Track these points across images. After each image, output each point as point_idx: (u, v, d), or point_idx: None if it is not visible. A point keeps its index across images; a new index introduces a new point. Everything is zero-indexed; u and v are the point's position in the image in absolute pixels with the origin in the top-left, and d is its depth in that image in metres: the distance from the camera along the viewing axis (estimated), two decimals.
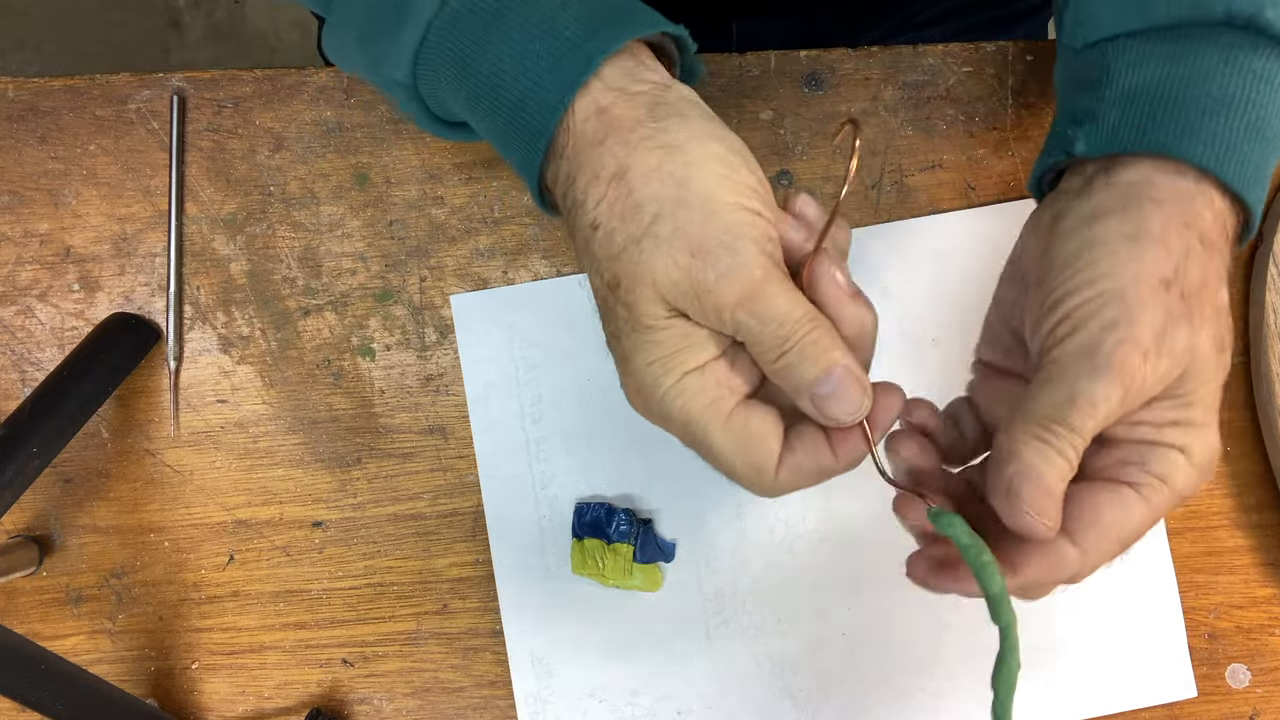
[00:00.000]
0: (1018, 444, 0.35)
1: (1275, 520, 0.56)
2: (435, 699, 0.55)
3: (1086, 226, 0.36)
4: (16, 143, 0.54)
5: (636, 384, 0.37)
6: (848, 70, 0.55)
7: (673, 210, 0.34)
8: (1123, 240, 0.35)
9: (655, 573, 0.54)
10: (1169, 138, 0.37)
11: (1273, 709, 0.56)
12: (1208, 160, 0.36)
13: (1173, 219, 0.36)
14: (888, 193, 0.55)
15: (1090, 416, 0.34)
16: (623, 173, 0.35)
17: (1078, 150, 0.39)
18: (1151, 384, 0.35)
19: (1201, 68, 0.37)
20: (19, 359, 0.54)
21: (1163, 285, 0.35)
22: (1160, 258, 0.35)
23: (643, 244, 0.34)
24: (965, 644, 0.55)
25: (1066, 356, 0.35)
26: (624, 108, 0.35)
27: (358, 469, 0.55)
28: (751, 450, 0.36)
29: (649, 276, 0.34)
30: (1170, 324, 0.34)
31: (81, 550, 0.54)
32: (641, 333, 0.36)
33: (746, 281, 0.34)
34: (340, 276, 0.55)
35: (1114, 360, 0.34)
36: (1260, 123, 0.37)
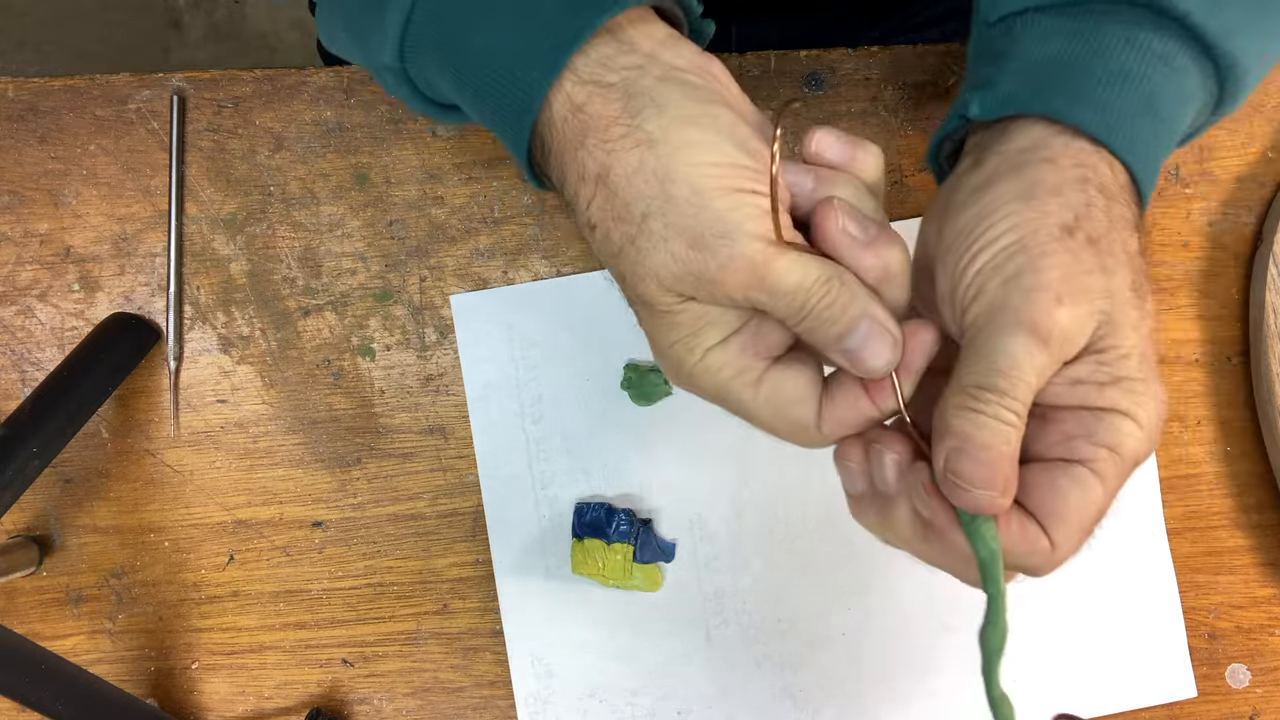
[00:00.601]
0: (947, 418, 0.34)
1: (1275, 520, 0.56)
2: (435, 699, 0.55)
3: (980, 193, 0.36)
4: (16, 143, 0.54)
5: (665, 362, 0.37)
6: (848, 70, 0.55)
7: (661, 208, 0.33)
8: (1017, 199, 0.34)
9: (655, 573, 0.54)
10: (1061, 103, 0.36)
11: (1273, 709, 0.56)
12: (1097, 127, 0.36)
13: (1068, 173, 0.35)
14: (888, 193, 0.55)
15: (1017, 376, 0.33)
16: (604, 175, 0.34)
17: (971, 113, 0.38)
18: (1074, 331, 0.33)
19: (1103, 43, 0.37)
20: (19, 359, 0.54)
21: (1065, 232, 0.34)
22: (1058, 207, 0.34)
23: (638, 243, 0.34)
24: (966, 644, 0.55)
25: (980, 320, 0.34)
26: (599, 104, 0.34)
27: (358, 469, 0.55)
28: (788, 412, 0.36)
29: (650, 272, 0.34)
30: (1079, 268, 0.33)
31: (81, 550, 0.54)
32: (658, 318, 0.36)
33: (749, 266, 0.33)
34: (340, 276, 0.55)
35: (1025, 312, 0.33)
36: (1154, 100, 0.36)
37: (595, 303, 0.54)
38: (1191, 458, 0.56)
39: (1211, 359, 0.56)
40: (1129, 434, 0.34)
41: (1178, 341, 0.56)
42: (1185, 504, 0.56)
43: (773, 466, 0.55)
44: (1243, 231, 0.56)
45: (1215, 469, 0.56)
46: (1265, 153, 0.56)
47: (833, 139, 0.36)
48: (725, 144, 0.34)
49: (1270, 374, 0.54)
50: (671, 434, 0.55)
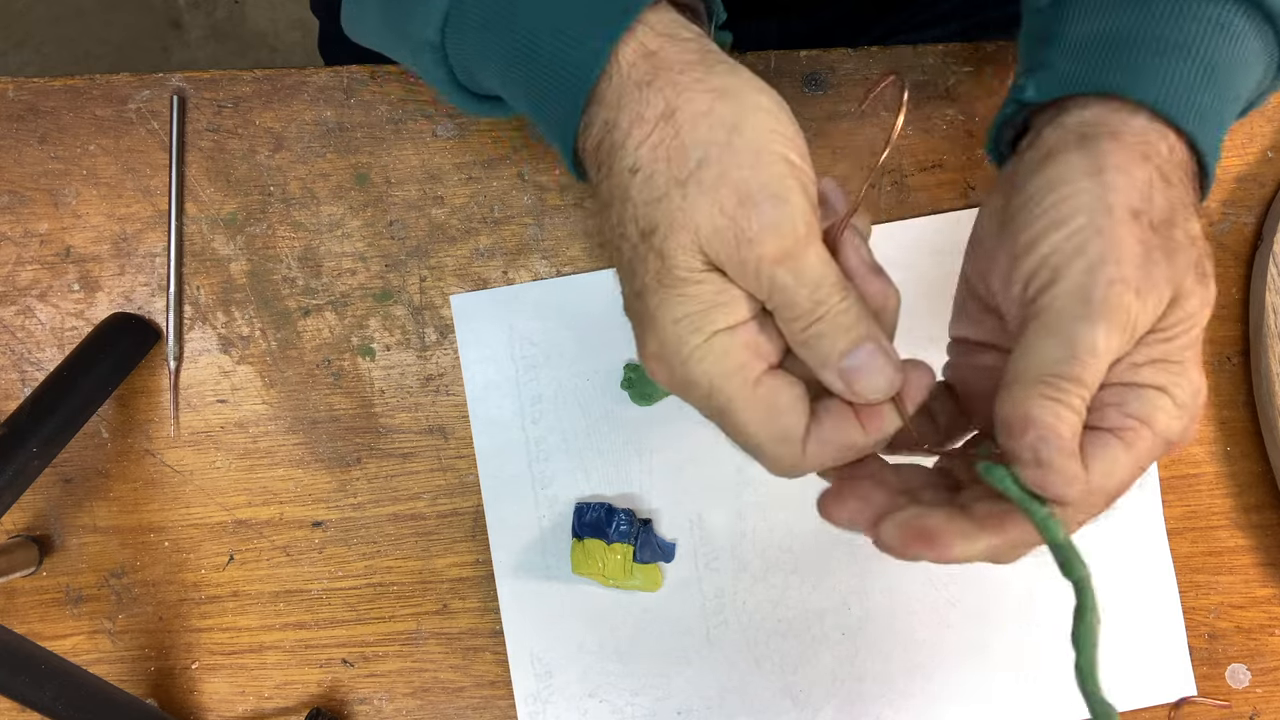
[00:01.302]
0: (1029, 406, 0.33)
1: (1275, 520, 0.56)
2: (435, 699, 0.55)
3: (1045, 167, 0.35)
4: (16, 143, 0.54)
5: (659, 344, 0.35)
6: (848, 70, 0.55)
7: (719, 155, 0.33)
8: (1085, 175, 0.34)
9: (655, 573, 0.54)
10: (1120, 79, 0.36)
11: (1273, 709, 0.56)
12: (1159, 100, 0.35)
13: (1132, 151, 0.34)
14: (888, 193, 0.55)
15: (1094, 367, 0.33)
16: (671, 113, 0.33)
17: (1028, 95, 0.38)
18: (1144, 323, 0.33)
19: (1155, 14, 0.36)
20: (19, 359, 0.54)
21: (1133, 217, 0.33)
22: (1127, 188, 0.34)
23: (687, 187, 0.33)
24: (965, 644, 0.55)
25: (1057, 304, 0.33)
26: (674, 51, 0.34)
27: (358, 469, 0.55)
28: (778, 421, 0.35)
29: (690, 222, 0.33)
30: (1148, 256, 0.33)
31: (81, 550, 0.54)
32: (672, 286, 0.34)
33: (791, 235, 0.33)
34: (340, 276, 0.55)
35: (1108, 303, 0.32)
36: (1213, 69, 0.36)
37: (595, 303, 0.54)
38: (1191, 458, 0.56)
39: (1211, 359, 0.56)
40: (1162, 408, 0.33)
41: None
42: (1185, 504, 0.56)
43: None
44: (1243, 231, 0.56)
45: (1215, 469, 0.56)
46: (1265, 153, 0.56)
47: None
48: (789, 121, 0.34)
49: (1270, 374, 0.54)
50: (671, 434, 0.55)
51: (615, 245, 0.36)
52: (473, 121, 0.55)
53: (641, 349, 0.36)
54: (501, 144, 0.55)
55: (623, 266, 0.36)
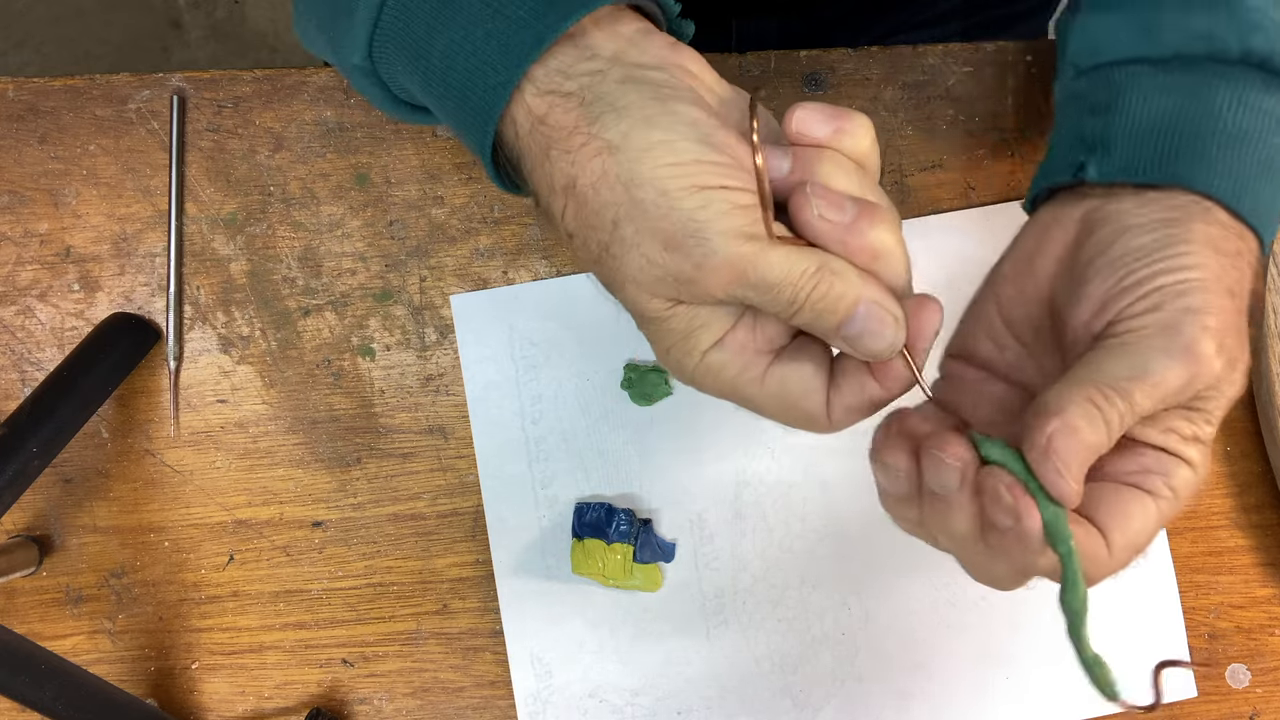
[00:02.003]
0: (1067, 401, 0.33)
1: (1275, 520, 0.56)
2: (435, 699, 0.55)
3: (1163, 226, 0.36)
4: (16, 143, 0.54)
5: (669, 365, 0.36)
6: (848, 70, 0.55)
7: (629, 213, 0.33)
8: (1208, 246, 0.35)
9: (655, 573, 0.54)
10: (1185, 170, 0.37)
11: (1273, 709, 0.56)
12: (1224, 193, 0.36)
13: (1230, 241, 0.36)
14: (888, 193, 0.55)
15: (1152, 394, 0.33)
16: (571, 184, 0.33)
17: (1089, 176, 0.39)
18: (1211, 381, 0.34)
19: (1215, 104, 0.38)
20: (19, 359, 0.54)
21: (1229, 294, 0.35)
22: (1228, 268, 0.35)
23: (612, 249, 0.33)
24: (965, 644, 0.55)
25: (1145, 331, 0.34)
26: (559, 113, 0.34)
27: (358, 469, 0.55)
28: (796, 406, 0.36)
29: (630, 278, 0.34)
30: (1232, 330, 0.35)
31: (81, 550, 0.54)
32: (650, 324, 0.35)
33: (727, 263, 0.32)
34: (340, 276, 0.55)
35: (1192, 343, 0.34)
36: (1270, 161, 0.37)
37: (595, 303, 0.54)
38: None
39: None
40: (1189, 483, 0.36)
41: None
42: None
43: (772, 466, 0.55)
44: None
45: (1215, 469, 0.56)
46: None
47: (815, 114, 0.34)
48: (688, 142, 0.33)
49: (1270, 374, 0.54)
50: (671, 434, 0.55)
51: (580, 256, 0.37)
52: None
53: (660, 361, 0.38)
54: None
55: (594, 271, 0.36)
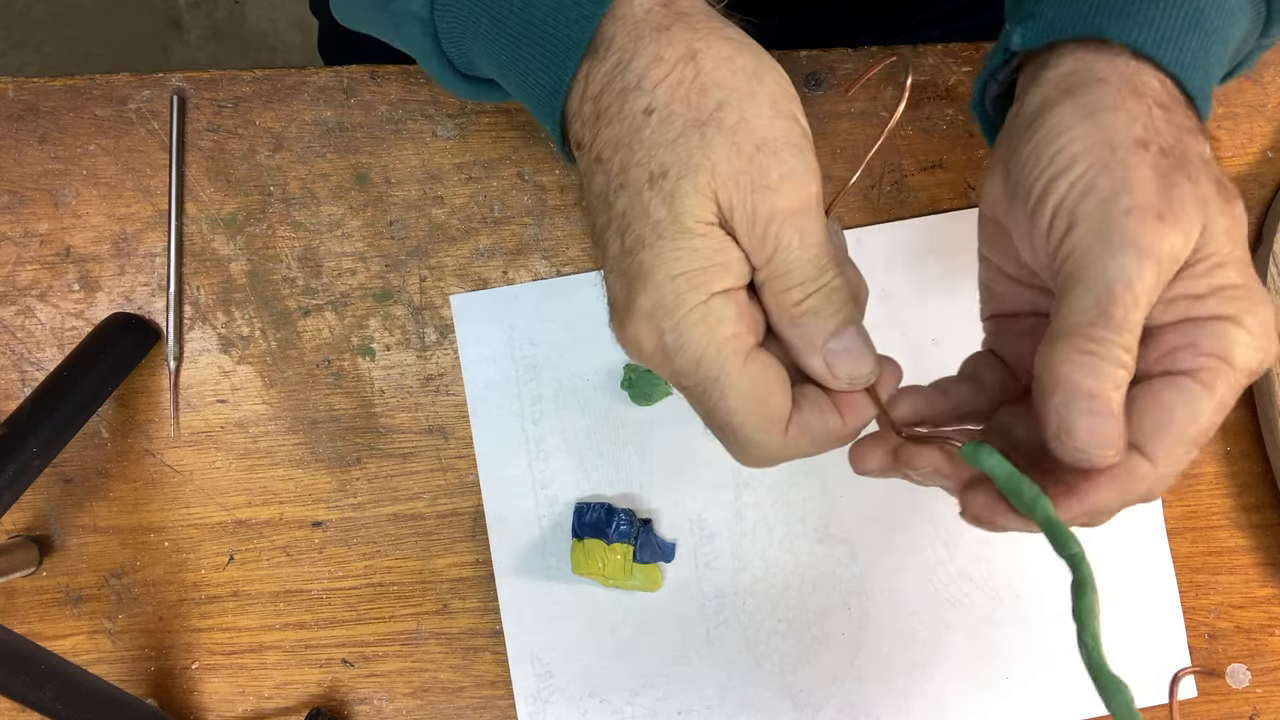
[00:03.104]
0: (1058, 365, 0.31)
1: (1275, 520, 0.56)
2: (435, 699, 0.55)
3: (1040, 119, 0.34)
4: (16, 143, 0.54)
5: (654, 301, 0.32)
6: (848, 70, 0.55)
7: (740, 101, 0.32)
8: (1081, 119, 0.33)
9: (655, 573, 0.54)
10: (1106, 21, 0.34)
11: (1273, 709, 0.56)
12: (1144, 43, 0.34)
13: (1123, 90, 0.33)
14: (888, 193, 0.55)
15: (1130, 305, 0.31)
16: (693, 55, 0.33)
17: (1014, 44, 0.37)
18: (1179, 247, 0.31)
19: None
20: (19, 359, 0.54)
21: (1139, 145, 0.32)
22: (1125, 121, 0.32)
23: (706, 129, 0.32)
24: (966, 644, 0.55)
25: (1078, 250, 0.32)
26: (687, 3, 0.34)
27: (358, 469, 0.55)
28: (766, 401, 0.33)
29: (708, 163, 0.32)
30: (1166, 180, 0.31)
31: (81, 550, 0.54)
32: (675, 238, 0.32)
33: (805, 190, 0.32)
34: (340, 276, 0.55)
35: (1130, 232, 0.31)
36: (1199, 15, 0.35)
37: (595, 303, 0.54)
38: None
39: None
40: (1237, 340, 0.31)
41: None
42: (1185, 504, 0.56)
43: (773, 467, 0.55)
44: None
45: (1215, 469, 0.56)
46: (1265, 153, 0.56)
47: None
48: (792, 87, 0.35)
49: (1270, 374, 0.54)
50: (671, 434, 0.55)
51: (605, 201, 0.34)
52: (473, 121, 0.55)
53: (627, 311, 0.33)
54: (501, 144, 0.55)
55: (613, 222, 0.34)
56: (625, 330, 0.33)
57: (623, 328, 0.33)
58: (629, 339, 0.33)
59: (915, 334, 0.55)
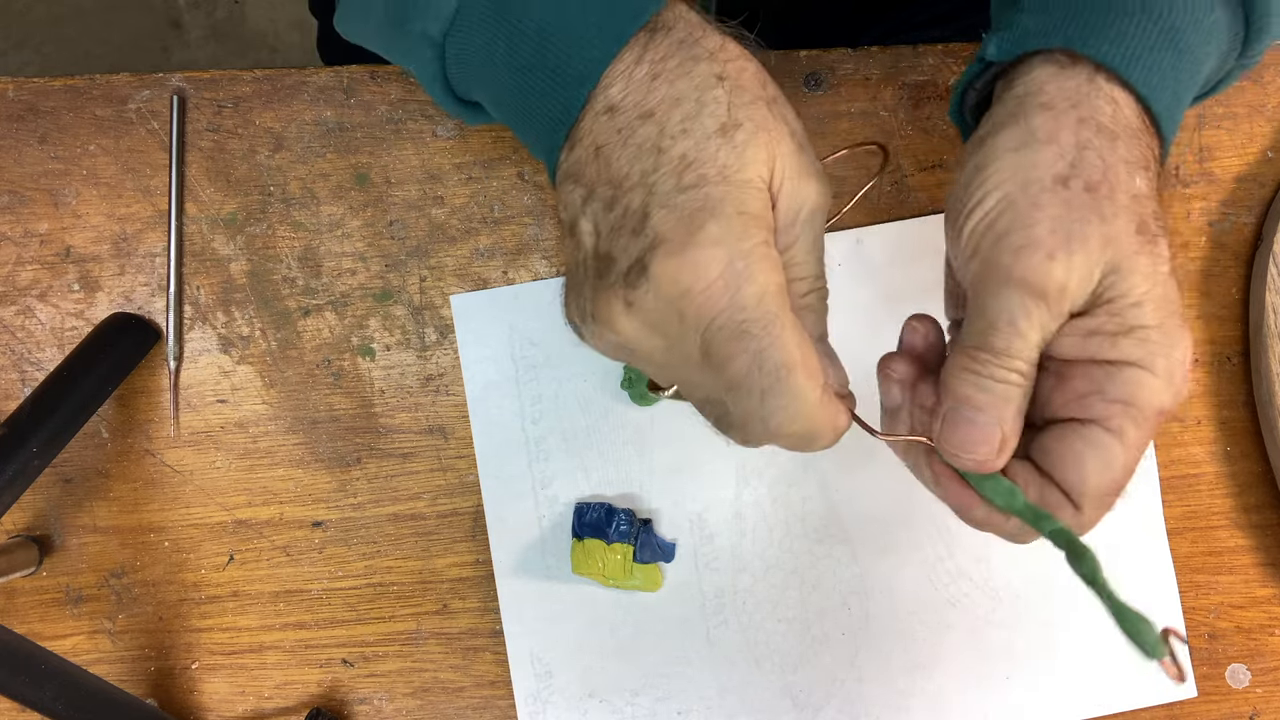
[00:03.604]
0: (948, 379, 0.34)
1: (1275, 520, 0.56)
2: (435, 699, 0.55)
3: (977, 149, 0.36)
4: (16, 143, 0.54)
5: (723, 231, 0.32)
6: (848, 70, 0.55)
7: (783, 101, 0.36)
8: (1009, 152, 0.34)
9: (655, 573, 0.54)
10: (1075, 33, 0.35)
11: (1273, 709, 0.56)
12: (1112, 59, 0.35)
13: (1063, 118, 0.34)
14: (888, 193, 0.55)
15: (1012, 334, 0.33)
16: (740, 54, 0.35)
17: (989, 53, 0.38)
18: (1070, 283, 0.33)
19: None
20: (19, 359, 0.54)
21: (1058, 182, 0.33)
22: (1050, 157, 0.34)
23: (773, 106, 0.35)
24: (966, 644, 0.55)
25: (976, 281, 0.34)
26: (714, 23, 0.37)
27: (358, 469, 0.55)
28: (809, 349, 0.33)
29: (776, 131, 0.34)
30: (1074, 217, 0.33)
31: (81, 550, 0.54)
32: (740, 185, 0.33)
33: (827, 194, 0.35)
34: (340, 276, 0.55)
35: (1016, 268, 0.32)
36: (1175, 32, 0.35)
37: None
38: (1191, 458, 0.56)
39: (1211, 359, 0.56)
40: (1143, 385, 0.33)
41: None
42: (1185, 504, 0.56)
43: (772, 466, 0.55)
44: (1243, 231, 0.56)
45: (1215, 469, 0.56)
46: (1265, 153, 0.56)
47: None
48: None
49: (1270, 374, 0.54)
50: (671, 434, 0.55)
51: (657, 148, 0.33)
52: None
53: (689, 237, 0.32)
54: (501, 144, 0.55)
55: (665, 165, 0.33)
56: (688, 255, 0.32)
57: (683, 254, 0.32)
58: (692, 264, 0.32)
59: None
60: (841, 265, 0.55)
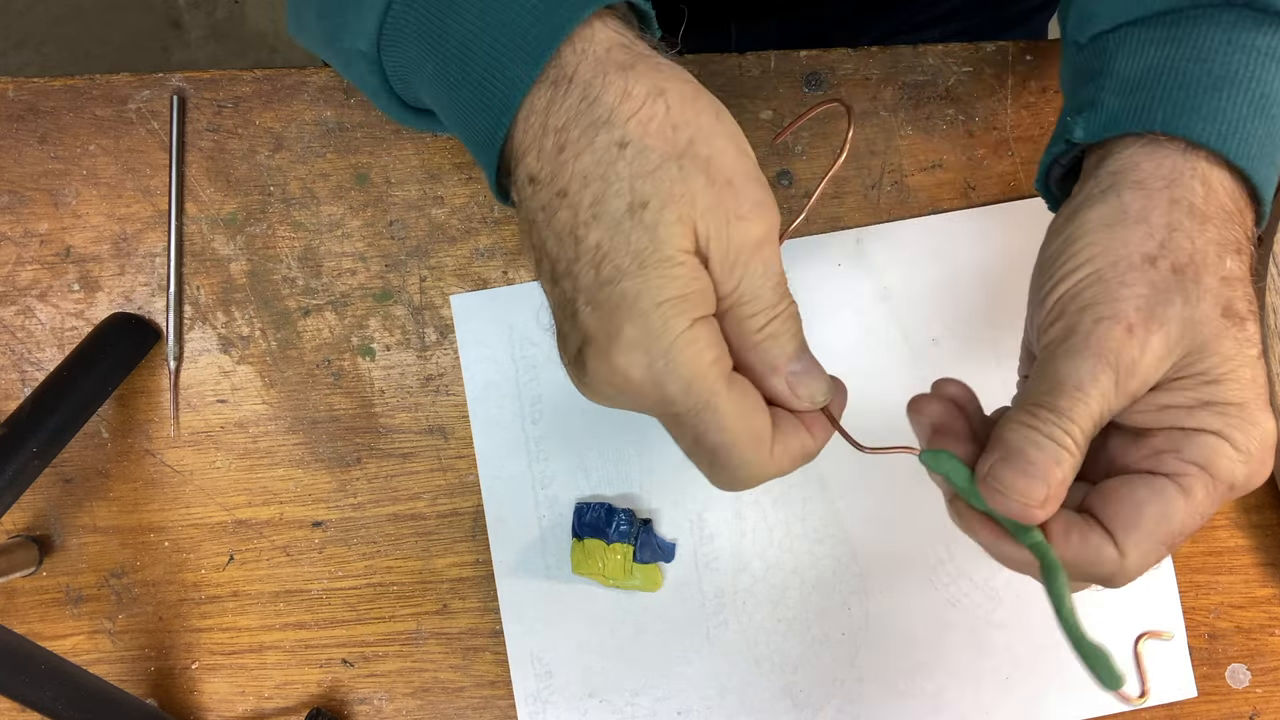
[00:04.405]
0: (1003, 431, 0.34)
1: (1275, 520, 0.56)
2: (435, 699, 0.55)
3: (1069, 222, 0.36)
4: (16, 143, 0.54)
5: (642, 330, 0.32)
6: (848, 70, 0.55)
7: (707, 137, 0.33)
8: (1101, 227, 0.35)
9: (655, 573, 0.54)
10: (1168, 115, 0.36)
11: (1273, 709, 0.56)
12: (1209, 137, 0.35)
13: (1155, 197, 0.35)
14: (888, 193, 0.55)
15: (1077, 399, 0.33)
16: (661, 92, 0.33)
17: (1076, 136, 0.38)
18: (1149, 362, 0.33)
19: (1203, 47, 0.37)
20: (19, 359, 0.54)
21: (1146, 262, 0.34)
22: (1140, 236, 0.34)
23: (683, 162, 0.33)
24: (966, 644, 0.55)
25: (1052, 345, 0.35)
26: (643, 46, 0.35)
27: (358, 469, 0.55)
28: (754, 420, 0.34)
29: (688, 194, 0.32)
30: (1159, 297, 0.33)
31: (81, 550, 0.54)
32: (658, 266, 0.32)
33: (772, 222, 0.34)
34: (340, 276, 0.55)
35: (1093, 339, 0.33)
36: (1265, 100, 0.36)
37: None
38: None
39: None
40: (1222, 454, 0.34)
41: None
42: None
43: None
44: None
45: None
46: None
47: None
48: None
49: (1270, 374, 0.54)
50: None
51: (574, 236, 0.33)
52: None
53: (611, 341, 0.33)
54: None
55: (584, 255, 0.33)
56: (611, 360, 0.33)
57: (607, 358, 0.33)
58: (614, 369, 0.33)
59: (915, 334, 0.55)
60: (841, 265, 0.55)
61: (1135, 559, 0.34)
